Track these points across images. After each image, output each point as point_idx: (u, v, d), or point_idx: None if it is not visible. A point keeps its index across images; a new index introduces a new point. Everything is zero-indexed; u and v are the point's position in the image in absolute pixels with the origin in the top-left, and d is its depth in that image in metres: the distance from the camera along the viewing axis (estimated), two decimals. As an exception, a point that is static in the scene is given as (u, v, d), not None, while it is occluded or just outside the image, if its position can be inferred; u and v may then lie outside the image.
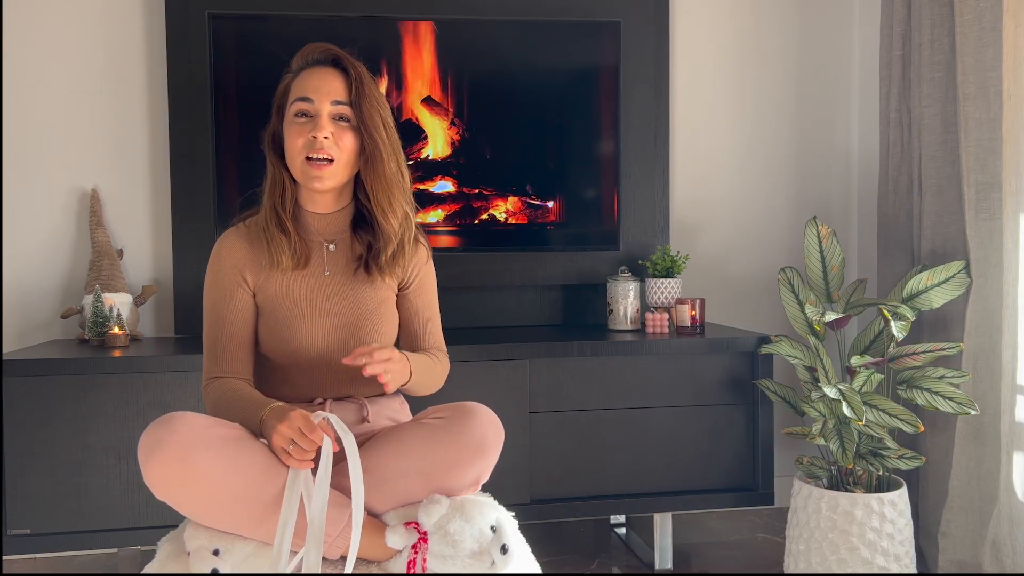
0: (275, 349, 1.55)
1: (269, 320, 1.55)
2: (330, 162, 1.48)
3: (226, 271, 1.54)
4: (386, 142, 1.52)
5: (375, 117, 1.51)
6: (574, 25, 2.53)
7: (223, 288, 1.54)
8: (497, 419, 1.44)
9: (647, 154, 2.64)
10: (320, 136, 1.47)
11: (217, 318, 1.53)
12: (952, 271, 2.09)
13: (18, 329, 2.42)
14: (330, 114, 1.49)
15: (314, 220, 1.58)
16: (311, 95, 1.48)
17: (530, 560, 1.43)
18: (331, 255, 1.58)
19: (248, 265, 1.54)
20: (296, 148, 1.49)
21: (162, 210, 2.47)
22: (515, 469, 2.18)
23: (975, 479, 2.11)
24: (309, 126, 1.48)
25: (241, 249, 1.55)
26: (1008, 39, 2.03)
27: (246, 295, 1.55)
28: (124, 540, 2.05)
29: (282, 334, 1.53)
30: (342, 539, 1.32)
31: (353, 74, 1.50)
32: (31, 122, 2.41)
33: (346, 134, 1.50)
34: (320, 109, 1.48)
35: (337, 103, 1.49)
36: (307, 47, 1.54)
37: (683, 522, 2.67)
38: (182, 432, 1.26)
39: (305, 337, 1.53)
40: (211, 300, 1.55)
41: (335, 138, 1.48)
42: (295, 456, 1.31)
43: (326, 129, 1.47)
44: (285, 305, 1.54)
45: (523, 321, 2.63)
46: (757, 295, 2.81)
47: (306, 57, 1.54)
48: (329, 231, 1.59)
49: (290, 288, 1.54)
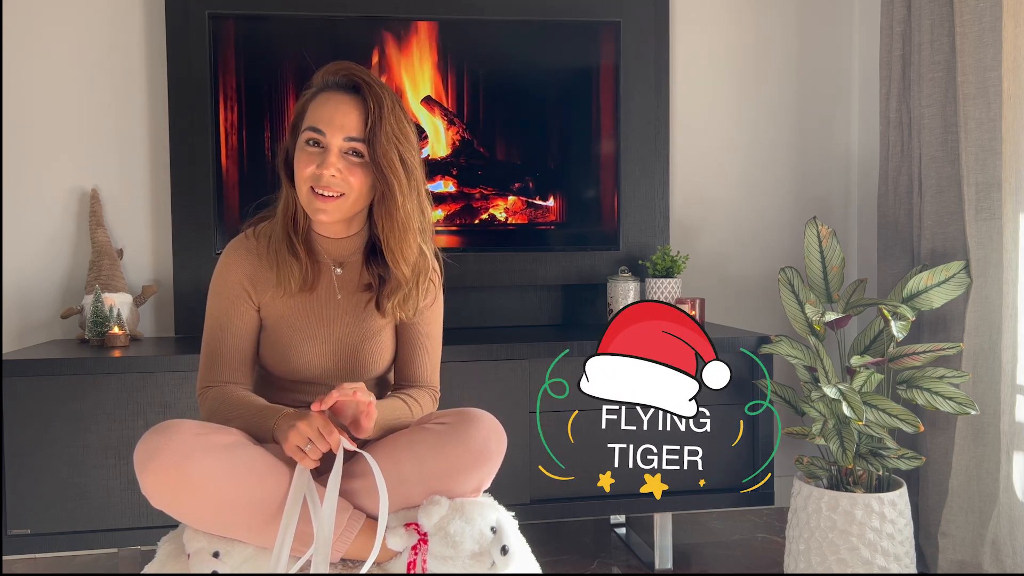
0: (274, 365, 1.53)
1: (270, 337, 1.52)
2: (338, 196, 1.41)
3: (232, 284, 1.50)
4: (403, 181, 1.41)
5: (391, 154, 1.40)
6: (574, 25, 2.53)
7: (228, 300, 1.50)
8: (500, 426, 1.43)
9: (647, 154, 2.64)
10: (327, 173, 1.38)
11: (220, 329, 1.50)
12: (952, 271, 2.09)
13: (18, 329, 2.42)
14: (341, 149, 1.40)
15: (326, 244, 1.52)
16: (323, 128, 1.39)
17: (530, 560, 1.43)
18: (339, 278, 1.53)
19: (255, 281, 1.50)
20: (303, 177, 1.41)
21: (162, 210, 2.47)
22: (515, 469, 2.18)
23: (975, 479, 2.11)
24: (318, 158, 1.40)
25: (249, 264, 1.50)
26: (1008, 39, 2.03)
27: (251, 309, 1.50)
28: (124, 540, 2.05)
29: (281, 353, 1.51)
30: (342, 542, 1.32)
31: (372, 106, 1.39)
32: (31, 122, 2.40)
33: (356, 170, 1.40)
34: (331, 143, 1.39)
35: (350, 139, 1.39)
36: (331, 65, 1.44)
37: (683, 522, 2.67)
38: (178, 440, 1.26)
39: (303, 359, 1.50)
40: (215, 309, 1.51)
41: (344, 175, 1.40)
42: (311, 455, 1.30)
43: (333, 167, 1.39)
44: (287, 326, 1.50)
45: (523, 321, 2.63)
46: (757, 295, 2.81)
47: (327, 78, 1.44)
48: (340, 255, 1.53)
49: (293, 310, 1.50)
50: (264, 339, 1.53)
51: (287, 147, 1.48)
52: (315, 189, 1.40)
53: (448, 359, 2.12)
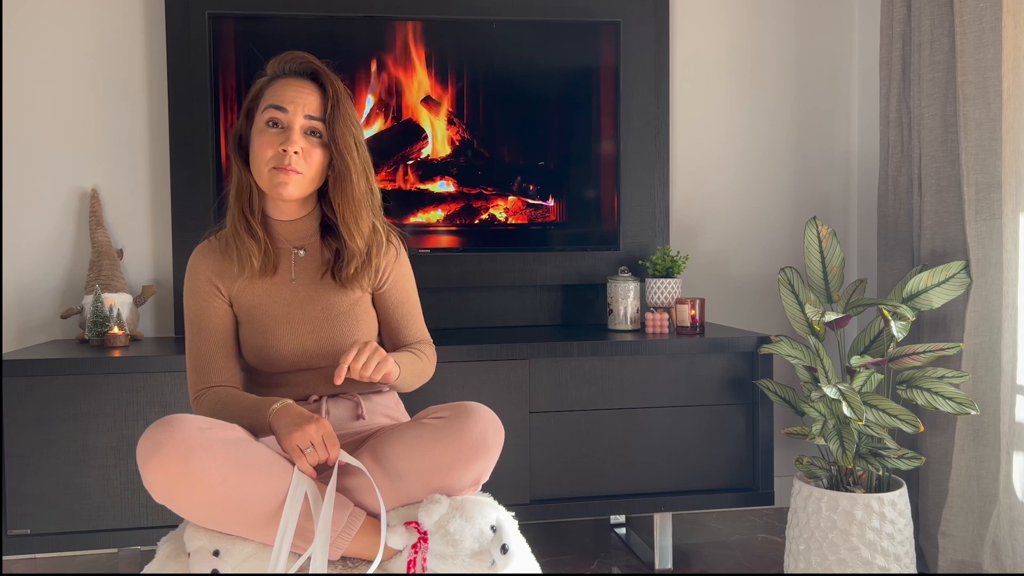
0: (257, 358, 1.56)
1: (247, 330, 1.56)
2: (297, 173, 1.47)
3: (201, 284, 1.55)
4: (357, 163, 1.51)
5: (347, 137, 1.49)
6: (574, 25, 2.53)
7: (200, 299, 1.55)
8: (497, 419, 1.44)
9: (647, 154, 2.64)
10: (291, 150, 1.45)
11: (199, 329, 1.55)
12: (952, 271, 2.09)
13: (18, 329, 2.42)
14: (302, 128, 1.47)
15: (280, 227, 1.58)
16: (286, 105, 1.47)
17: (530, 560, 1.43)
18: (300, 261, 1.58)
19: (221, 275, 1.55)
20: (264, 158, 1.47)
21: (162, 210, 2.47)
22: (515, 469, 2.18)
23: (975, 479, 2.11)
24: (280, 137, 1.46)
25: (213, 261, 1.56)
26: (1008, 39, 2.03)
27: (223, 304, 1.56)
28: (124, 540, 2.05)
29: (260, 342, 1.55)
30: (342, 539, 1.32)
31: (330, 91, 1.49)
32: (31, 122, 2.41)
33: (315, 150, 1.49)
34: (293, 121, 1.47)
35: (310, 118, 1.48)
36: (286, 54, 1.52)
37: (683, 522, 2.67)
38: (181, 434, 1.26)
39: (283, 344, 1.54)
40: (191, 313, 1.56)
41: (304, 153, 1.47)
42: (309, 460, 1.32)
43: (297, 143, 1.46)
44: (260, 314, 1.55)
45: (523, 321, 2.63)
46: (757, 295, 2.81)
47: (284, 65, 1.51)
48: (297, 237, 1.59)
49: (261, 297, 1.55)
50: (242, 334, 1.57)
51: (240, 131, 1.55)
52: (277, 168, 1.46)
53: (448, 359, 2.13)
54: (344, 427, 1.54)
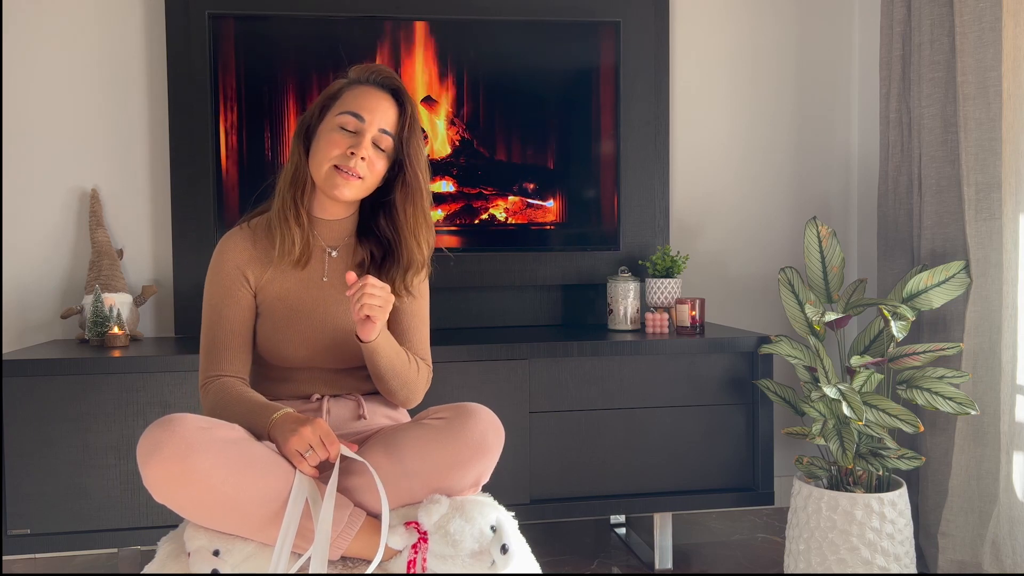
0: (271, 350, 1.56)
1: (267, 322, 1.56)
2: (358, 179, 1.51)
3: (228, 270, 1.55)
4: (426, 178, 1.57)
5: (420, 155, 1.55)
6: (574, 25, 2.53)
7: (224, 287, 1.55)
8: (497, 420, 1.45)
9: (647, 154, 2.64)
10: (359, 154, 1.49)
11: (218, 316, 1.54)
12: (952, 271, 2.09)
13: (18, 329, 2.42)
14: (373, 139, 1.51)
15: (320, 225, 1.59)
16: (364, 114, 1.51)
17: (530, 560, 1.43)
18: (332, 261, 1.59)
19: (251, 264, 1.55)
20: (329, 156, 1.50)
21: (162, 210, 2.47)
22: (515, 469, 2.18)
23: (975, 479, 2.11)
24: (350, 141, 1.50)
25: (245, 249, 1.56)
26: (1008, 39, 2.03)
27: (247, 295, 1.55)
28: (124, 540, 2.05)
29: (278, 336, 1.55)
30: (342, 539, 1.32)
31: (409, 110, 1.54)
32: (31, 122, 2.41)
33: (380, 161, 1.53)
34: (367, 130, 1.51)
35: (383, 132, 1.52)
36: (373, 64, 1.57)
37: (683, 522, 2.67)
38: (182, 434, 1.26)
39: (300, 340, 1.54)
40: (212, 298, 1.56)
41: (369, 161, 1.51)
42: (309, 461, 1.33)
43: (365, 151, 1.50)
44: (283, 307, 1.55)
45: (523, 321, 2.63)
46: (757, 295, 2.81)
47: (369, 74, 1.55)
48: (333, 237, 1.60)
49: (289, 291, 1.56)
50: (260, 326, 1.57)
51: (308, 122, 1.57)
52: (340, 168, 1.49)
53: (448, 359, 2.13)
54: (345, 427, 1.54)
